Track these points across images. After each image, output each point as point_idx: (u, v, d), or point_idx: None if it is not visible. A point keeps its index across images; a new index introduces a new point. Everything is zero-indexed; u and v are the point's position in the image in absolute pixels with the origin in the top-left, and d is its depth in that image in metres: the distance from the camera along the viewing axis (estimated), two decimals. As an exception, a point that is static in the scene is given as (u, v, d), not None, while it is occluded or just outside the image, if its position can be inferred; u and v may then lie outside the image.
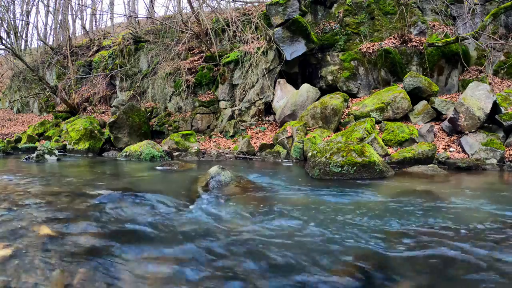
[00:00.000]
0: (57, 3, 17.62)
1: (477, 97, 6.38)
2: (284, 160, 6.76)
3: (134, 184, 4.10)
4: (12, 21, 15.76)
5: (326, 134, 7.01)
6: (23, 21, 18.47)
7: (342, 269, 1.77)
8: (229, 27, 9.95)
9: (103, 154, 8.53)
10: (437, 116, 7.22)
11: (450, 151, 6.11)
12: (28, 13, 18.35)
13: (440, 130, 6.81)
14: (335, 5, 9.77)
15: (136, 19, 14.73)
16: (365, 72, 8.75)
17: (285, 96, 8.59)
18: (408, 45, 8.56)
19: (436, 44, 8.05)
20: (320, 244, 2.11)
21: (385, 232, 2.32)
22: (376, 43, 8.91)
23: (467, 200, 3.22)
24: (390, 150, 6.18)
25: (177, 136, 8.20)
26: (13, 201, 2.93)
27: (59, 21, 16.93)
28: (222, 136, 9.03)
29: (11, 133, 12.09)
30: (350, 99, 8.50)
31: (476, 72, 8.52)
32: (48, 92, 13.83)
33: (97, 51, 14.60)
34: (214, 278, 1.67)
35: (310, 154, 5.00)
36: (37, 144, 10.00)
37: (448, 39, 8.01)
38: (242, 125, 8.92)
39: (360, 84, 8.76)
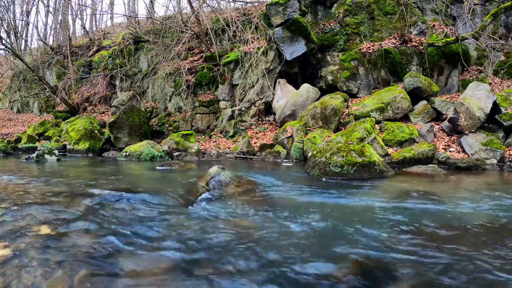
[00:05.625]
0: (57, 3, 17.64)
1: (477, 97, 6.39)
2: (284, 160, 6.76)
3: (134, 184, 4.10)
4: (12, 21, 15.76)
5: (326, 134, 7.01)
6: (23, 21, 18.47)
7: (340, 268, 1.77)
8: (229, 27, 9.95)
9: (103, 154, 8.53)
10: (437, 116, 7.22)
11: (450, 151, 6.11)
12: (28, 13, 18.35)
13: (440, 130, 6.81)
14: (335, 5, 9.77)
15: (136, 19, 14.73)
16: (365, 72, 8.75)
17: (285, 96, 8.59)
18: (408, 45, 8.56)
19: (436, 44, 8.05)
20: (320, 244, 2.11)
21: (384, 231, 2.32)
22: (376, 43, 8.91)
23: (466, 200, 3.22)
24: (390, 150, 6.18)
25: (177, 136, 8.20)
26: (13, 201, 2.93)
27: (59, 21, 16.93)
28: (222, 136, 9.03)
29: (11, 133, 12.09)
30: (350, 99, 8.50)
31: (476, 72, 8.52)
32: (48, 92, 13.83)
33: (97, 51, 14.60)
34: (213, 277, 1.67)
35: (310, 154, 5.00)
36: (37, 144, 10.00)
37: (448, 39, 8.01)
38: (242, 125, 8.92)
39: (360, 84, 8.76)
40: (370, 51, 8.72)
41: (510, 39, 8.45)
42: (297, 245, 2.08)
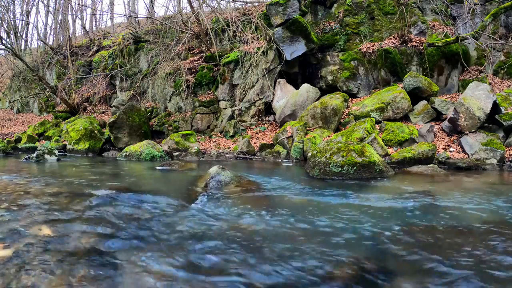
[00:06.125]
0: (57, 3, 17.64)
1: (477, 97, 6.39)
2: (284, 160, 6.75)
3: (134, 184, 4.10)
4: (12, 21, 15.76)
5: (326, 134, 7.01)
6: (23, 21, 18.48)
7: (340, 269, 1.77)
8: (229, 27, 9.95)
9: (103, 154, 8.53)
10: (437, 116, 7.22)
11: (450, 151, 6.11)
12: (28, 13, 18.36)
13: (440, 130, 6.81)
14: (335, 5, 9.77)
15: (136, 19, 14.74)
16: (365, 72, 8.75)
17: (285, 96, 8.59)
18: (408, 45, 8.56)
19: (436, 44, 8.05)
20: (319, 244, 2.11)
21: (384, 231, 2.32)
22: (376, 43, 8.91)
23: (466, 200, 3.22)
24: (390, 150, 6.18)
25: (177, 136, 8.20)
26: (13, 201, 2.93)
27: (59, 21, 16.93)
28: (222, 136, 9.03)
29: (11, 133, 12.09)
30: (350, 99, 8.50)
31: (476, 72, 8.52)
32: (48, 92, 13.83)
33: (97, 51, 14.60)
34: (212, 277, 1.67)
35: (310, 154, 5.00)
36: (37, 144, 10.00)
37: (448, 39, 8.01)
38: (242, 125, 8.92)
39: (360, 84, 8.76)
40: (370, 51, 8.72)
41: (510, 39, 8.45)
42: (296, 245, 2.08)
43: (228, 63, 9.27)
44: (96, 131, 9.01)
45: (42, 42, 17.04)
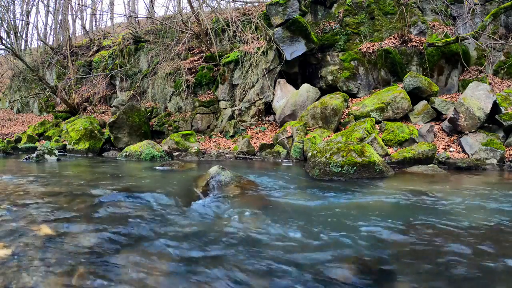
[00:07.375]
0: (57, 3, 17.62)
1: (477, 97, 6.38)
2: (284, 160, 6.76)
3: (134, 184, 4.10)
4: (12, 21, 15.75)
5: (326, 134, 7.01)
6: (23, 21, 18.46)
7: (340, 269, 1.77)
8: (229, 27, 9.95)
9: (103, 154, 8.53)
10: (437, 116, 7.22)
11: (450, 151, 6.11)
12: (28, 13, 18.34)
13: (440, 130, 6.81)
14: (335, 5, 9.77)
15: (136, 19, 14.74)
16: (365, 72, 8.75)
17: (285, 96, 8.59)
18: (408, 45, 8.55)
19: (436, 44, 8.05)
20: (319, 244, 2.11)
21: (384, 232, 2.32)
22: (376, 43, 8.91)
23: (466, 200, 3.22)
24: (390, 150, 6.18)
25: (177, 136, 8.20)
26: (13, 201, 2.93)
27: (59, 21, 16.92)
28: (222, 136, 9.03)
29: (11, 133, 12.08)
30: (350, 99, 8.50)
31: (476, 72, 8.52)
32: (48, 92, 13.84)
33: (97, 51, 14.59)
34: (211, 278, 1.67)
35: (310, 154, 5.00)
36: (37, 144, 10.00)
37: (448, 39, 8.00)
38: (242, 125, 8.92)
39: (360, 84, 8.76)
40: (370, 51, 8.72)
41: (510, 39, 8.45)
42: (295, 245, 2.08)
43: (228, 63, 9.27)
44: (96, 131, 9.01)
45: (42, 42, 17.04)
